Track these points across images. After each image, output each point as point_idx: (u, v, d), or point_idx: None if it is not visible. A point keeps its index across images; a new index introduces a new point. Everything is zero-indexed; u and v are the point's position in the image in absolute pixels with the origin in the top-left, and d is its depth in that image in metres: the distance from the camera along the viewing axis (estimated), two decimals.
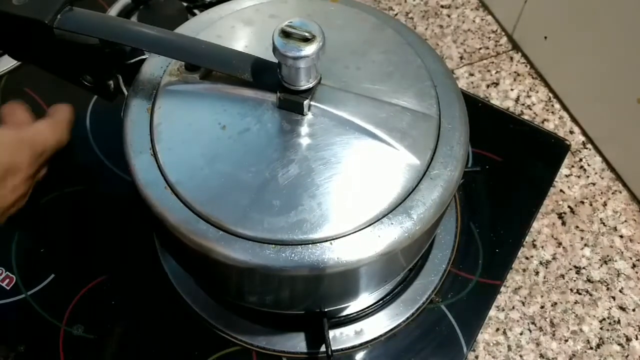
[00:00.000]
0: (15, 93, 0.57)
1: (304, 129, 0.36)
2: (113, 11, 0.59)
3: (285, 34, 0.33)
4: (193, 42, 0.38)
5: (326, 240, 0.33)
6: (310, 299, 0.40)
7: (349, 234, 0.33)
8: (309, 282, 0.36)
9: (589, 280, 0.51)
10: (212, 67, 0.37)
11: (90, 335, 0.46)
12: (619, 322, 0.49)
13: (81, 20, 0.37)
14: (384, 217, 0.34)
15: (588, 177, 0.57)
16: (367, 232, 0.34)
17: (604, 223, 0.54)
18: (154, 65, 0.40)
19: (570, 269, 0.52)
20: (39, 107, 0.56)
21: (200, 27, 0.41)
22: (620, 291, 0.51)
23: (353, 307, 0.47)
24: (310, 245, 0.33)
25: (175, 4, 0.60)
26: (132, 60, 0.42)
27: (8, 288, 0.48)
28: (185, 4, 0.61)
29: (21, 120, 0.43)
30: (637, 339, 0.49)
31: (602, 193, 0.56)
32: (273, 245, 0.33)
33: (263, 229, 0.33)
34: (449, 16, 0.68)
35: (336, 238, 0.33)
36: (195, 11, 0.60)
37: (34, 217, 0.51)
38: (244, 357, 0.45)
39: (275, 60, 0.34)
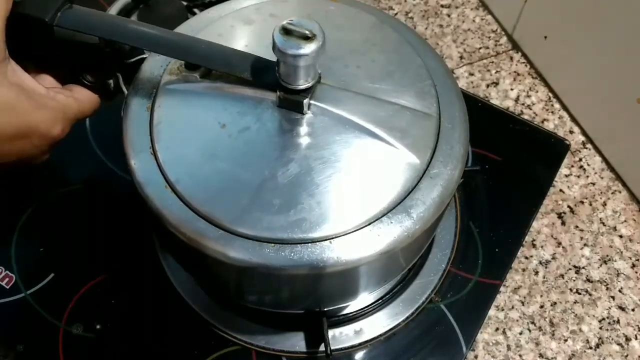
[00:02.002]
0: None
1: (304, 128, 0.36)
2: (113, 10, 0.58)
3: (286, 31, 0.33)
4: (193, 41, 0.37)
5: (326, 239, 0.33)
6: (310, 298, 0.40)
7: (349, 233, 0.33)
8: (308, 281, 0.36)
9: (588, 280, 0.51)
10: (212, 66, 0.37)
11: (90, 334, 0.46)
12: (618, 322, 0.49)
13: (81, 18, 0.37)
14: (383, 216, 0.34)
15: (588, 177, 0.57)
16: (366, 231, 0.34)
17: (603, 223, 0.54)
18: (154, 64, 0.40)
19: (570, 269, 0.52)
20: None
21: (200, 26, 0.41)
22: (620, 291, 0.51)
23: (352, 306, 0.47)
24: (309, 244, 0.33)
25: (175, 3, 0.60)
26: (132, 60, 0.42)
27: (7, 287, 0.47)
28: (185, 3, 0.60)
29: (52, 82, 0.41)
30: (636, 338, 0.49)
31: (601, 193, 0.56)
32: (272, 244, 0.33)
33: (262, 228, 0.33)
34: (448, 16, 0.68)
35: (336, 237, 0.33)
36: (195, 10, 0.60)
37: (33, 216, 0.51)
38: (244, 357, 0.45)
39: (275, 59, 0.34)
